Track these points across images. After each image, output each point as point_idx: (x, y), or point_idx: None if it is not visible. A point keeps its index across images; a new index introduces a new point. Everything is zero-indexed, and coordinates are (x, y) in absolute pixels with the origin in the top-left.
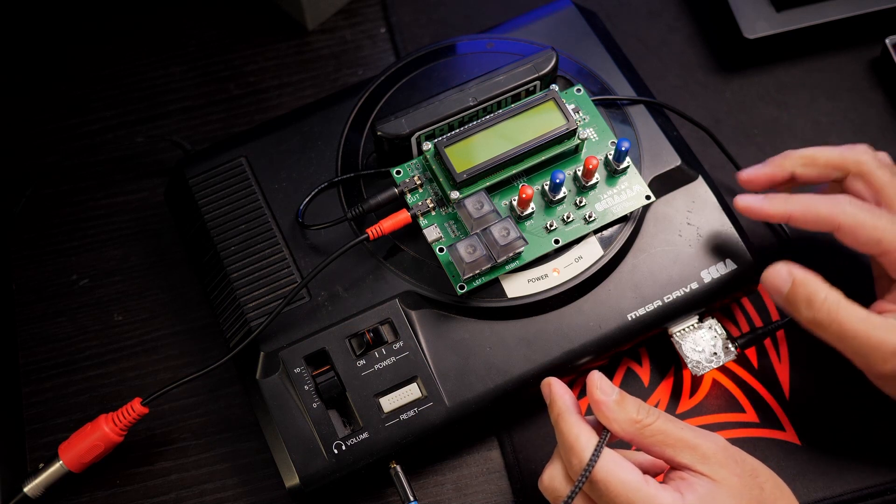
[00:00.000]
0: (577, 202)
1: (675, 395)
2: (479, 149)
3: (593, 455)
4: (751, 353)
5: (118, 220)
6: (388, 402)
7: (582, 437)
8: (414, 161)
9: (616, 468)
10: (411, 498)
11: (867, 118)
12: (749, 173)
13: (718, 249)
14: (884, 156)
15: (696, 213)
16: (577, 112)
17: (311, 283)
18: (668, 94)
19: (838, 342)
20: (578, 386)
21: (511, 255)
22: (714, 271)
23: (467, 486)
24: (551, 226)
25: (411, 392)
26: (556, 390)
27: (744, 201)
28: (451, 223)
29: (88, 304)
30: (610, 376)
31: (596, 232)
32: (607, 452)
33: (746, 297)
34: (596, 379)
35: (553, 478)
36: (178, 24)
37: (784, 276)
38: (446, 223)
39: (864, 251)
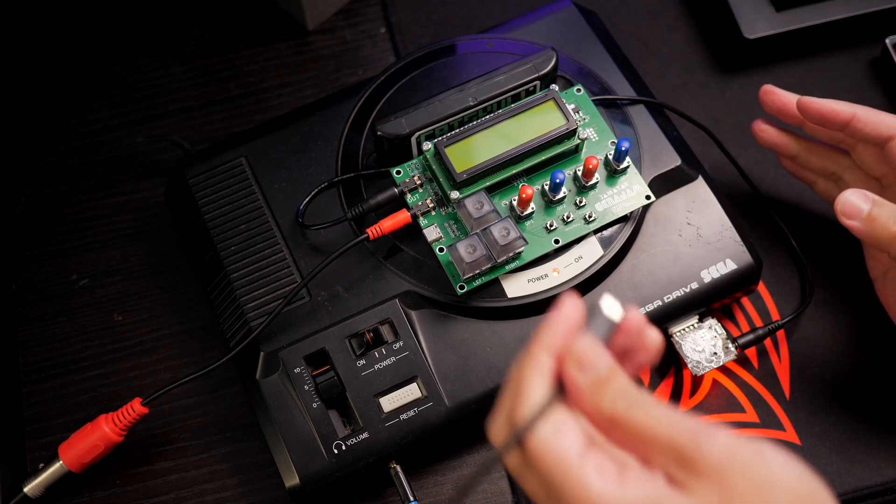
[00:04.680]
0: (577, 202)
1: (675, 395)
2: (479, 149)
3: (531, 418)
4: (751, 353)
5: (118, 220)
6: (388, 402)
7: (535, 387)
8: (414, 161)
9: (554, 439)
10: (411, 498)
11: None
12: (775, 89)
13: (718, 249)
14: None
15: (696, 213)
16: (577, 112)
17: (311, 283)
18: (668, 94)
19: None
20: None
21: (511, 255)
22: (714, 271)
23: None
24: (551, 226)
25: (411, 392)
26: (554, 314)
27: (771, 87)
28: (451, 223)
29: (88, 304)
30: None
31: (596, 232)
32: (554, 416)
33: (746, 297)
34: (582, 348)
35: (496, 421)
36: (178, 24)
37: (861, 196)
38: (446, 223)
39: (875, 136)
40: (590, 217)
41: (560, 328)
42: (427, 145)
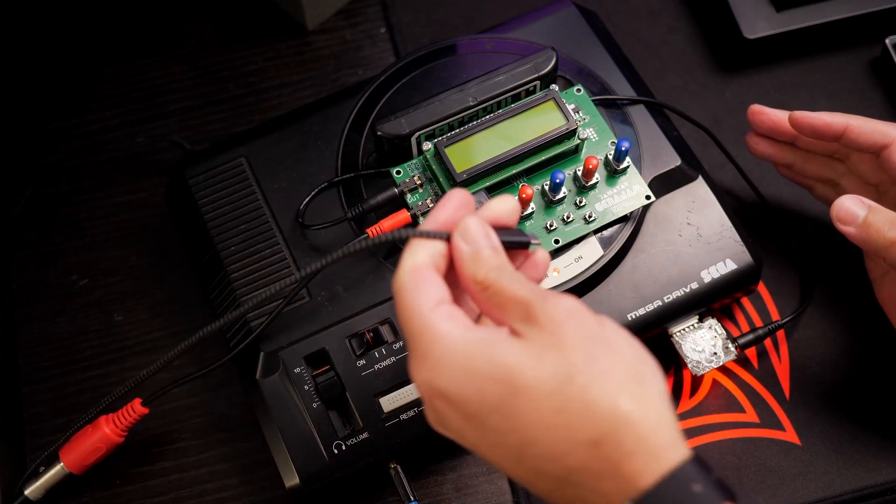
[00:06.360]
0: (577, 202)
1: (676, 395)
2: (479, 149)
3: (402, 262)
4: (751, 353)
5: (118, 220)
6: (388, 402)
7: (415, 248)
8: (414, 161)
9: (414, 282)
10: (411, 498)
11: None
12: (764, 108)
13: (718, 249)
14: None
15: (696, 213)
16: (577, 112)
17: (311, 283)
18: (668, 94)
19: None
20: None
21: None
22: (714, 271)
23: (467, 486)
24: (551, 226)
25: (411, 392)
26: (445, 196)
27: (759, 107)
28: None
29: (88, 304)
30: None
31: (596, 232)
32: (418, 271)
33: (746, 297)
34: (469, 224)
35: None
36: (178, 24)
37: (857, 202)
38: None
39: (869, 145)
40: (590, 217)
41: (450, 206)
42: (427, 145)
